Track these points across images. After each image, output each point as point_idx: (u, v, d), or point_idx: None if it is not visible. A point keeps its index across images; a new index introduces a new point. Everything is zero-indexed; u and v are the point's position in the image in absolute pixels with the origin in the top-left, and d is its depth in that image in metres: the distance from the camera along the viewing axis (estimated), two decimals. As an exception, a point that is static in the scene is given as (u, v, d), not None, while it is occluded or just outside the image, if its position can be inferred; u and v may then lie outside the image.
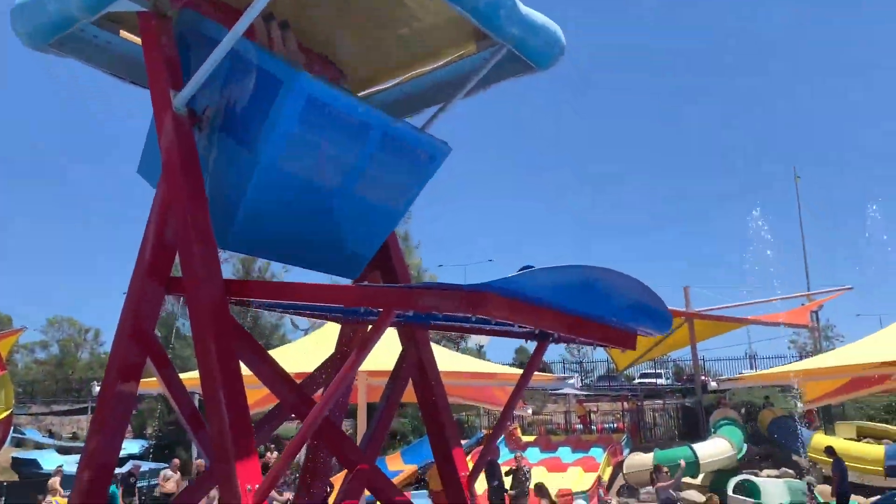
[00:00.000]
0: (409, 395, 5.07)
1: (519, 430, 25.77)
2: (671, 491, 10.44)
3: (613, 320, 3.98)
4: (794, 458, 20.14)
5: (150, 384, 12.06)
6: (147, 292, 4.08)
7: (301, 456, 5.27)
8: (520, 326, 3.64)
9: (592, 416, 32.13)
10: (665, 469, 11.23)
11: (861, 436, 25.28)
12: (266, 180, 3.96)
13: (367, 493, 4.26)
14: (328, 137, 3.97)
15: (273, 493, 11.35)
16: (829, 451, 17.85)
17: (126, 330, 4.07)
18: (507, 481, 14.41)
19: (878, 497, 17.58)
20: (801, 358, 30.76)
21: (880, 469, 20.39)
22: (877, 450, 21.45)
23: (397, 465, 21.78)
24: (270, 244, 4.31)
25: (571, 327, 3.67)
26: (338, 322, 5.00)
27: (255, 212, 4.03)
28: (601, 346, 4.31)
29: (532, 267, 3.14)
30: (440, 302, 3.05)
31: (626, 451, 22.65)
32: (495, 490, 13.79)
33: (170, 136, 4.02)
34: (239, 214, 4.00)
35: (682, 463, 15.55)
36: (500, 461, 15.09)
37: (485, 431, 27.29)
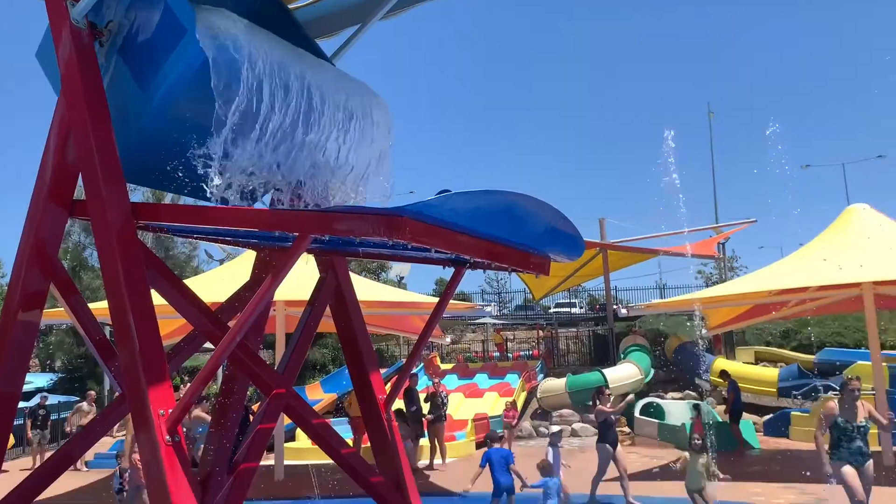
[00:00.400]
0: (330, 325, 5.08)
1: (438, 359, 26.35)
2: (611, 416, 10.95)
3: (528, 245, 4.05)
4: (697, 381, 21.37)
5: (58, 314, 11.68)
6: (49, 214, 3.88)
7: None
8: (437, 252, 3.66)
9: (509, 344, 33.08)
10: (608, 392, 11.73)
11: (759, 360, 27.03)
12: (157, 122, 3.73)
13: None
14: (227, 86, 3.67)
15: (203, 414, 11.28)
16: (724, 374, 19.06)
17: (27, 254, 3.89)
18: (426, 407, 14.77)
19: (771, 415, 18.94)
20: (707, 287, 32.22)
21: (774, 390, 21.94)
22: (771, 372, 23.02)
23: (317, 395, 21.98)
24: (164, 175, 4.08)
25: (487, 252, 3.73)
26: (253, 249, 4.92)
27: (146, 147, 3.82)
28: (516, 271, 4.39)
29: (449, 191, 3.15)
30: (357, 225, 3.03)
31: (540, 377, 23.49)
32: (413, 414, 14.13)
33: (67, 49, 3.77)
34: (129, 146, 3.79)
35: (631, 397, 16.17)
36: (419, 388, 15.42)
37: (405, 360, 27.71)
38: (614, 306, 27.97)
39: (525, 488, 8.76)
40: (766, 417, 18.87)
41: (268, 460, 14.45)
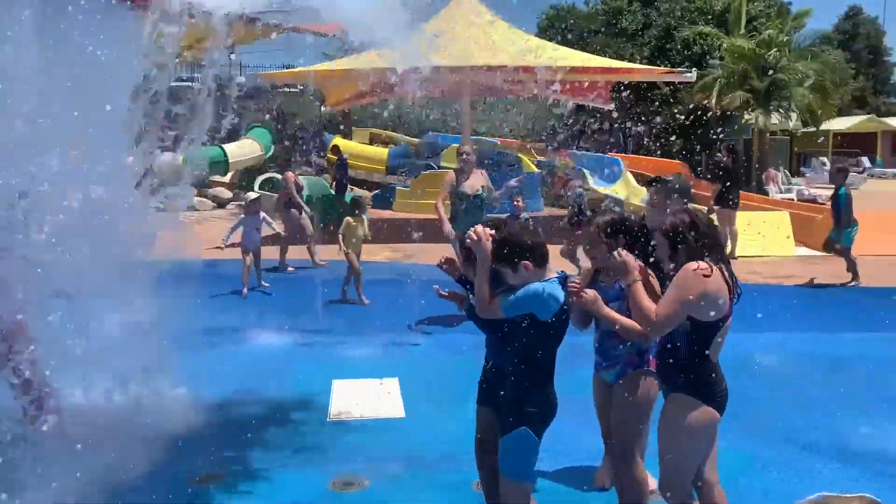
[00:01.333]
0: None
1: None
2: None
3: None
4: (315, 158, 22.29)
5: None
6: None
7: None
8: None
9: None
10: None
11: (372, 140, 28.99)
12: None
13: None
14: None
15: None
16: (335, 149, 20.01)
17: None
18: None
19: (378, 190, 20.79)
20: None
21: (383, 168, 23.98)
22: (382, 152, 24.98)
23: None
24: None
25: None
26: None
27: None
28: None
29: None
30: None
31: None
32: None
33: None
34: None
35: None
36: None
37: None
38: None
39: None
40: (375, 192, 20.62)
41: None
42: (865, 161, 36.62)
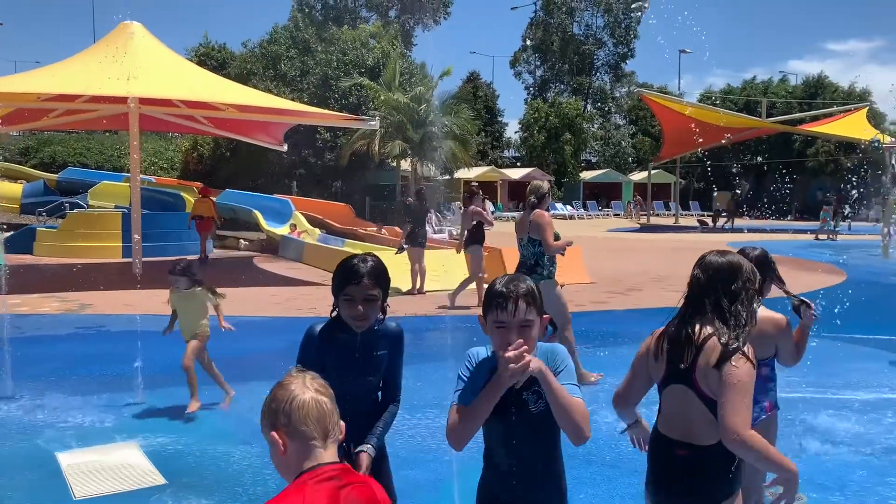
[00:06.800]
0: None
1: None
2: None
3: None
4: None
5: None
6: None
7: None
8: None
9: None
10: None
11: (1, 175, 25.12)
12: None
13: None
14: None
15: None
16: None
17: None
18: None
19: (14, 232, 18.01)
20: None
21: (17, 206, 20.84)
22: (15, 188, 21.71)
23: None
24: None
25: None
26: None
27: None
28: None
29: None
30: None
31: None
32: None
33: None
34: None
35: None
36: None
37: None
38: None
39: None
40: (9, 234, 17.86)
41: None
42: (490, 206, 42.06)
